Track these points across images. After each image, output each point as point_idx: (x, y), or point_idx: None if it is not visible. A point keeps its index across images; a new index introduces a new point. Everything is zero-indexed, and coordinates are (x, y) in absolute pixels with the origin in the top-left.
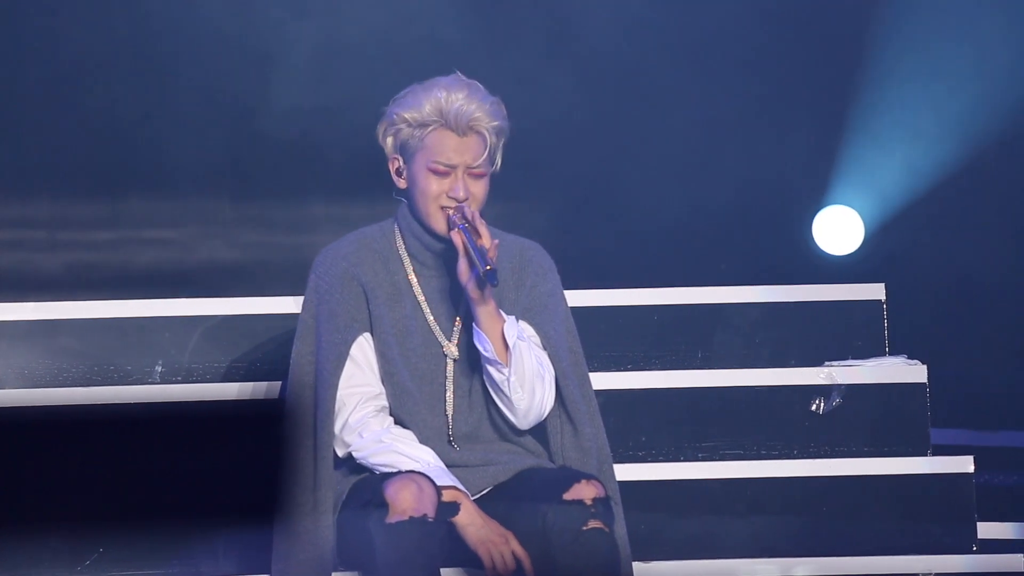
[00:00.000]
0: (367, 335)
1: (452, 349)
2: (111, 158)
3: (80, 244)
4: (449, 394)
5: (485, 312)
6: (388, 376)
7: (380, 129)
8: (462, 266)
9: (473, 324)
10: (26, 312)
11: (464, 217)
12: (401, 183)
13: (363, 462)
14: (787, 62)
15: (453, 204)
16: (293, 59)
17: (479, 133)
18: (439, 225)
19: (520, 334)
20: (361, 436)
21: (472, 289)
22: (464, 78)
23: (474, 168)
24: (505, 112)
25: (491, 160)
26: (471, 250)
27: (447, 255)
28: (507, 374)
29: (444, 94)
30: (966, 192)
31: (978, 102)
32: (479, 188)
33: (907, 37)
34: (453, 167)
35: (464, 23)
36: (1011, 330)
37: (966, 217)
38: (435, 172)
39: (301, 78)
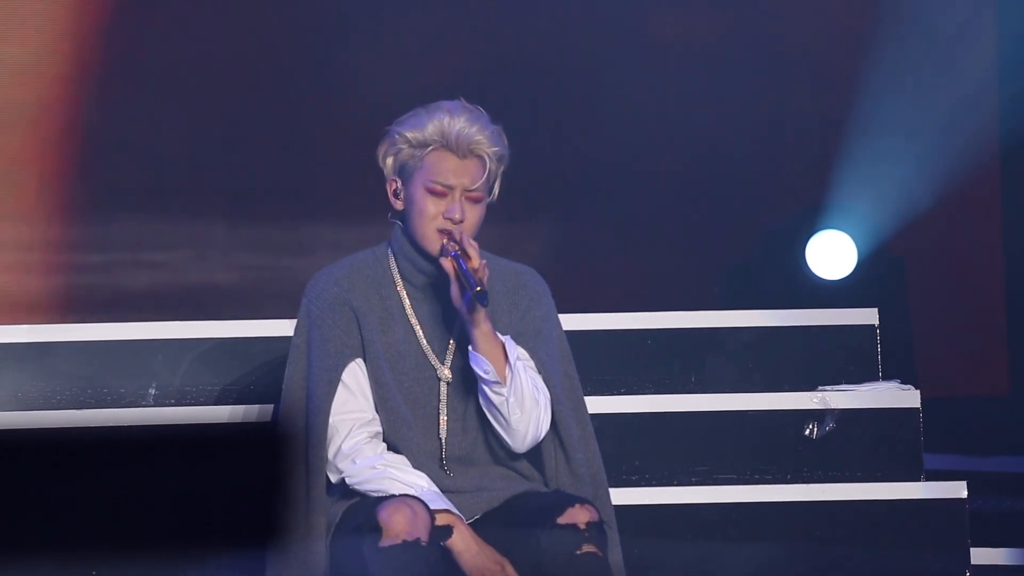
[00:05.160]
0: (359, 361)
1: (445, 372)
2: (103, 179)
3: (73, 267)
4: (443, 417)
5: (481, 334)
6: (382, 402)
7: (381, 150)
8: (454, 291)
9: (469, 348)
10: (20, 335)
11: (453, 240)
12: (398, 204)
13: (356, 488)
14: (780, 86)
15: (449, 226)
16: (290, 82)
17: (479, 157)
18: (433, 246)
19: (517, 355)
20: (354, 463)
21: (466, 312)
22: (467, 104)
23: (472, 191)
24: (506, 142)
25: (489, 186)
26: (462, 274)
27: (440, 278)
28: (506, 395)
29: (447, 117)
30: (957, 216)
31: (974, 126)
32: (475, 213)
33: (903, 61)
34: (451, 188)
35: (463, 48)
36: (1003, 354)
37: (960, 241)
38: (433, 192)
39: (297, 99)
